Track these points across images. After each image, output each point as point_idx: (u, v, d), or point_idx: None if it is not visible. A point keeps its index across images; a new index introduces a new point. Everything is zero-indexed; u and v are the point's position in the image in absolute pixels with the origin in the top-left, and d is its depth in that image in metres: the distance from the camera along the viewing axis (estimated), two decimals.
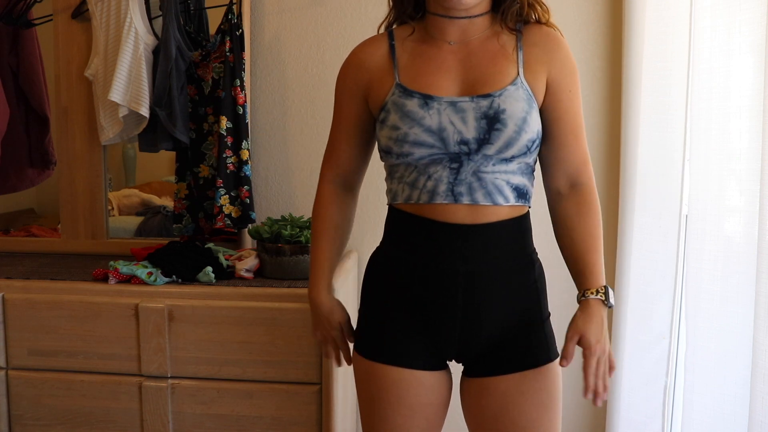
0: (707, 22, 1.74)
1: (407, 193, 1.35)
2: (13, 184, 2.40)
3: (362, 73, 1.40)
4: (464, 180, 1.31)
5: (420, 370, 1.38)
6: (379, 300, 1.42)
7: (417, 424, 1.39)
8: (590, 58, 2.16)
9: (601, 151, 2.19)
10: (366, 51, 1.42)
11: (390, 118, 1.33)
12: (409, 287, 1.36)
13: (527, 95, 1.31)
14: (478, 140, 1.29)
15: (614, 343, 2.11)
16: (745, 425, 1.61)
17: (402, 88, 1.34)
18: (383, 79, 1.37)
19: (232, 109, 2.05)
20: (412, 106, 1.31)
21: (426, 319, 1.36)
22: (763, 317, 1.52)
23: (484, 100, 1.29)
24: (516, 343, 1.36)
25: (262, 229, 1.95)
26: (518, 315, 1.36)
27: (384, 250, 1.43)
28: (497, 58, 1.34)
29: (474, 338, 1.35)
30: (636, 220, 2.01)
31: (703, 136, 1.77)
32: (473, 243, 1.32)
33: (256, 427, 1.81)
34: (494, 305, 1.34)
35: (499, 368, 1.35)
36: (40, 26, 2.30)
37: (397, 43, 1.40)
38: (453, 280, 1.33)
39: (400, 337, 1.38)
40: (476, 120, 1.29)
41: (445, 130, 1.29)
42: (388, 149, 1.35)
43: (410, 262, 1.36)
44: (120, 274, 1.88)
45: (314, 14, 2.24)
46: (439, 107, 1.30)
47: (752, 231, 1.59)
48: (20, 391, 1.87)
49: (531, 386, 1.35)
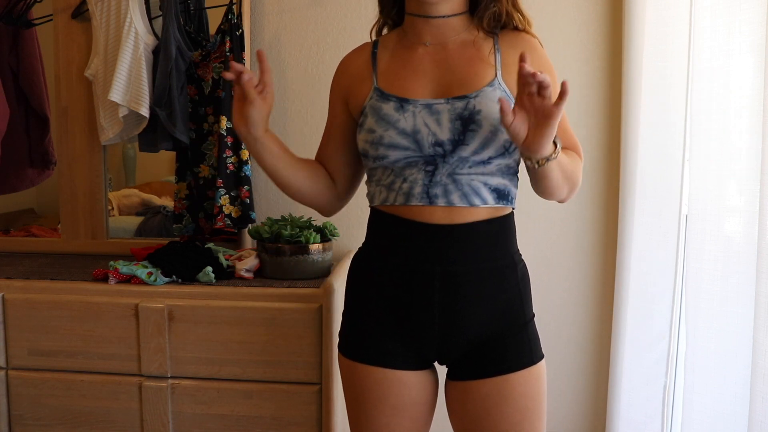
0: (707, 22, 1.74)
1: (384, 195, 1.36)
2: (13, 184, 2.40)
3: (345, 79, 1.44)
4: (439, 182, 1.31)
5: (403, 370, 1.38)
6: (361, 300, 1.43)
7: (402, 423, 1.39)
8: (590, 58, 2.16)
9: (601, 152, 2.19)
10: (351, 57, 1.46)
11: (367, 121, 1.35)
12: (389, 288, 1.37)
13: (505, 96, 1.31)
14: (452, 141, 1.29)
15: (614, 343, 2.12)
16: (745, 425, 1.61)
17: (379, 92, 1.36)
18: (363, 84, 1.39)
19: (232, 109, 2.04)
20: (388, 110, 1.33)
21: (405, 319, 1.36)
22: (763, 317, 1.52)
23: (459, 101, 1.30)
24: (498, 346, 1.35)
25: (262, 229, 1.95)
26: (500, 317, 1.36)
27: (365, 251, 1.45)
28: (474, 61, 1.35)
29: (453, 339, 1.35)
30: (636, 220, 2.01)
31: (703, 136, 1.77)
32: (450, 244, 1.32)
33: (256, 427, 1.81)
34: (474, 307, 1.34)
35: (482, 371, 1.35)
36: (40, 26, 2.30)
37: (380, 49, 1.43)
38: (429, 280, 1.33)
39: (381, 338, 1.38)
40: (451, 121, 1.29)
41: (420, 132, 1.30)
42: (365, 152, 1.37)
43: (389, 263, 1.37)
44: (120, 274, 1.88)
45: (314, 14, 2.24)
46: (414, 110, 1.31)
47: (752, 231, 1.59)
48: (20, 391, 1.87)
49: (513, 390, 1.34)
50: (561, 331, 2.27)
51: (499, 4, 1.36)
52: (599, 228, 2.22)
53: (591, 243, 2.22)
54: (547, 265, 2.25)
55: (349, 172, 1.50)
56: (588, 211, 2.21)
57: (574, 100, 2.17)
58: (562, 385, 2.29)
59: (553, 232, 2.23)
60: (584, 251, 2.24)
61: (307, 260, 1.90)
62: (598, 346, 2.26)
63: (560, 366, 2.26)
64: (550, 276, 2.25)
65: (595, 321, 2.27)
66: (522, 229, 1.51)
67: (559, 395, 2.28)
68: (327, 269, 1.95)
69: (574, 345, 2.27)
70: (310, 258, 1.91)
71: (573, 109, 2.16)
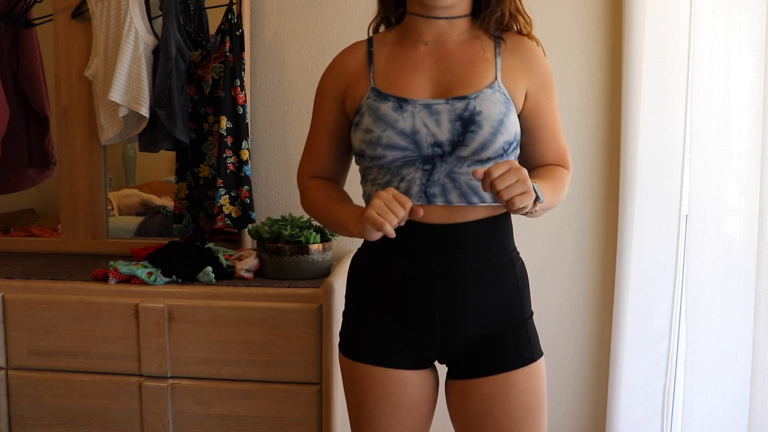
0: (707, 22, 1.74)
1: None
2: (13, 184, 2.40)
3: (341, 78, 1.42)
4: (437, 181, 1.31)
5: (403, 370, 1.38)
6: (361, 300, 1.43)
7: (403, 423, 1.40)
8: (590, 58, 2.16)
9: (601, 151, 2.19)
10: (345, 57, 1.44)
11: (364, 121, 1.34)
12: (389, 288, 1.37)
13: (504, 99, 1.31)
14: (452, 142, 1.29)
15: (614, 343, 2.12)
16: (745, 425, 1.61)
17: (377, 91, 1.35)
18: (359, 83, 1.38)
19: (232, 109, 2.05)
20: (386, 110, 1.32)
21: (405, 319, 1.36)
22: (763, 317, 1.52)
23: (459, 102, 1.30)
24: (498, 344, 1.36)
25: (262, 229, 1.95)
26: (499, 315, 1.36)
27: (364, 251, 1.44)
28: (475, 62, 1.34)
29: (454, 338, 1.35)
30: (636, 220, 2.01)
31: (703, 136, 1.77)
32: (449, 243, 1.32)
33: (256, 427, 1.81)
34: (473, 305, 1.34)
35: (482, 370, 1.35)
36: (40, 26, 2.30)
37: (376, 47, 1.41)
38: (430, 280, 1.33)
39: (381, 338, 1.38)
40: (450, 122, 1.29)
41: (419, 133, 1.30)
42: (361, 152, 1.36)
43: (388, 263, 1.37)
44: (120, 274, 1.88)
45: (314, 14, 2.24)
46: (414, 110, 1.31)
47: (752, 231, 1.59)
48: (20, 391, 1.87)
49: (514, 388, 1.34)
50: (561, 331, 2.27)
51: (502, 6, 1.36)
52: (599, 228, 2.22)
53: (591, 243, 2.22)
54: (548, 264, 2.25)
55: (345, 174, 1.50)
56: (588, 211, 2.21)
57: (574, 100, 2.17)
58: (562, 385, 2.29)
59: (553, 232, 2.23)
60: (584, 251, 2.24)
61: (307, 260, 1.90)
62: (597, 346, 2.26)
63: (560, 366, 2.26)
64: (550, 276, 2.25)
65: (595, 321, 2.27)
66: (522, 229, 1.51)
67: (559, 395, 2.28)
68: (327, 269, 1.95)
69: (574, 345, 2.27)
70: (310, 258, 1.91)
71: (573, 109, 2.16)
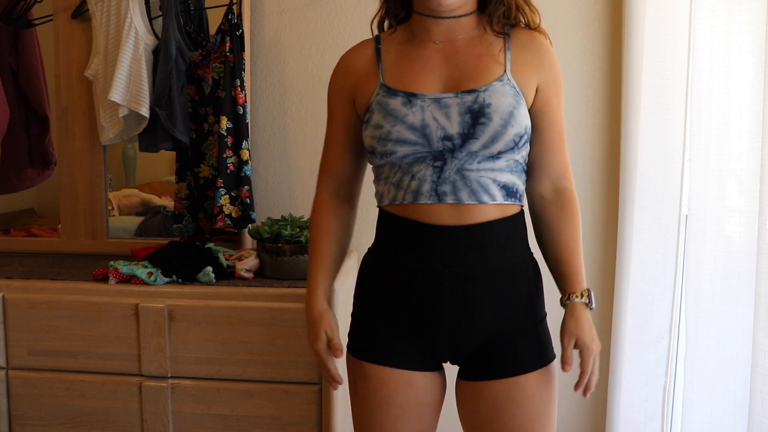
0: (707, 22, 1.74)
1: (392, 194, 1.35)
2: (13, 184, 2.40)
3: (349, 77, 1.41)
4: (448, 178, 1.30)
5: (410, 371, 1.37)
6: (370, 300, 1.42)
7: (407, 424, 1.39)
8: (590, 58, 2.16)
9: (601, 151, 2.19)
10: (352, 56, 1.44)
11: (374, 117, 1.33)
12: (398, 289, 1.36)
13: (514, 91, 1.30)
14: (462, 135, 1.28)
15: (614, 343, 2.11)
16: (745, 425, 1.61)
17: (386, 88, 1.34)
18: (369, 81, 1.38)
19: (232, 109, 2.05)
20: (395, 105, 1.31)
21: (415, 320, 1.35)
22: (763, 317, 1.52)
23: (468, 95, 1.29)
24: (509, 346, 1.35)
25: (262, 229, 1.95)
26: (511, 317, 1.35)
27: (374, 251, 1.44)
28: (483, 57, 1.34)
29: (464, 340, 1.34)
30: (636, 220, 2.01)
31: (703, 136, 1.77)
32: (458, 245, 1.31)
33: (256, 427, 1.81)
34: (484, 307, 1.33)
35: (493, 372, 1.34)
36: (40, 26, 2.30)
37: (383, 45, 1.41)
38: (439, 282, 1.32)
39: (389, 338, 1.38)
40: (460, 115, 1.28)
41: (428, 127, 1.29)
42: (372, 149, 1.35)
43: (398, 264, 1.36)
44: (120, 274, 1.88)
45: (314, 14, 2.24)
46: (423, 104, 1.30)
47: (752, 231, 1.59)
48: (20, 391, 1.87)
49: (523, 392, 1.34)
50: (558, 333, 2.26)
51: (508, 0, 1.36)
52: (599, 228, 2.22)
53: (591, 243, 2.22)
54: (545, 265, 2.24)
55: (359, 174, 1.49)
56: (588, 211, 2.21)
57: (574, 100, 2.17)
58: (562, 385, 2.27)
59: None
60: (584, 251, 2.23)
61: (307, 260, 1.89)
62: None
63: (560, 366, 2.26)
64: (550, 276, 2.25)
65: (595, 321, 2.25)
66: None
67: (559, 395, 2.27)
68: None
69: None
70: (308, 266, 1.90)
71: (573, 109, 2.16)
